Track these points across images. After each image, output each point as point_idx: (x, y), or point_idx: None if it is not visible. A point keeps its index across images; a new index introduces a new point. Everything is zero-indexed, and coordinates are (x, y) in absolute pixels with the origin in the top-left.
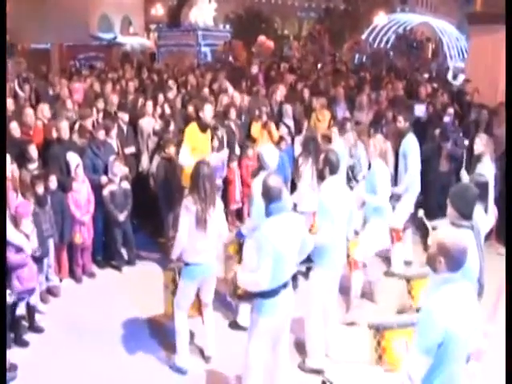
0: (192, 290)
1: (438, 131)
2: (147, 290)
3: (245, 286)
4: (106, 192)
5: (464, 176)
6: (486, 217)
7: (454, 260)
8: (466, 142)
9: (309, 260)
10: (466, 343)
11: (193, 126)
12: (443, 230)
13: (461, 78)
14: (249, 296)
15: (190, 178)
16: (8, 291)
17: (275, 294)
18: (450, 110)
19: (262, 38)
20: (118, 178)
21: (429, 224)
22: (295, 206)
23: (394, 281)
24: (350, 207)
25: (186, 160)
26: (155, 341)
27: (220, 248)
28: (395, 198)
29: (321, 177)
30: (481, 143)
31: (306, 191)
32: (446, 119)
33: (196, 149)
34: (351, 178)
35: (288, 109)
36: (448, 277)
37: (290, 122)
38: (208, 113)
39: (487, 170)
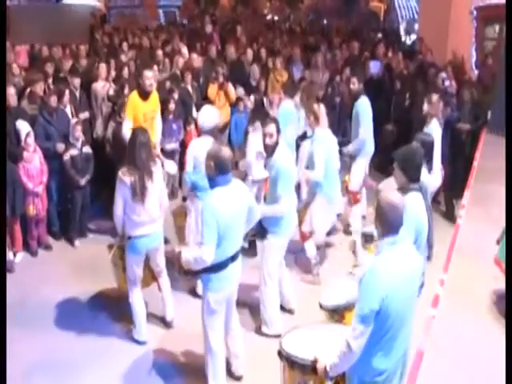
0: (139, 263)
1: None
2: (104, 261)
3: (189, 265)
4: (66, 157)
5: None
6: (430, 176)
7: (388, 222)
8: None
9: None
10: (409, 306)
11: (133, 95)
12: (379, 194)
13: (412, 37)
14: (195, 272)
15: (126, 147)
16: None
17: (223, 268)
18: (443, 75)
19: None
20: (80, 143)
21: None
22: (245, 174)
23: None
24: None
25: (127, 133)
26: (113, 313)
27: (169, 218)
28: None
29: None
30: (428, 103)
31: (253, 157)
32: (447, 83)
33: (137, 119)
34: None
35: (255, 70)
36: (387, 241)
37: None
38: (147, 80)
39: (434, 130)
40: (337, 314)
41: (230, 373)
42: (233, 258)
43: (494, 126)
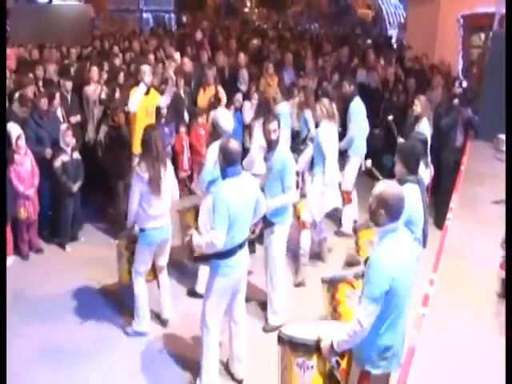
0: (150, 255)
1: (456, 101)
2: (97, 262)
3: (200, 248)
4: (58, 163)
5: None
6: (426, 171)
7: (392, 209)
8: None
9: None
10: (410, 288)
11: (134, 89)
12: (379, 184)
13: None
14: (205, 258)
15: (140, 144)
16: None
17: (231, 255)
18: (457, 83)
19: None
20: (70, 148)
21: (378, 174)
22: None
23: (341, 240)
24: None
25: (134, 106)
26: (110, 310)
27: (176, 216)
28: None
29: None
30: (420, 105)
31: (258, 154)
32: (465, 84)
33: (140, 113)
34: (298, 141)
35: (244, 74)
36: (390, 227)
37: (244, 87)
38: (144, 74)
39: (425, 129)
40: (332, 286)
41: (230, 374)
42: (240, 246)
43: (481, 132)
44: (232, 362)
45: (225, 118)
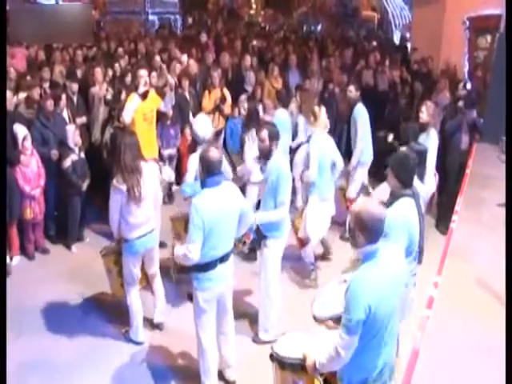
0: (137, 265)
1: (461, 103)
2: (100, 264)
3: (179, 259)
4: (67, 163)
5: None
6: (423, 184)
7: (368, 230)
8: None
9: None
10: (394, 314)
11: (131, 95)
12: (358, 202)
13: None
14: (186, 270)
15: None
16: None
17: (211, 268)
18: (461, 84)
19: None
20: (78, 148)
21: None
22: (243, 177)
23: (346, 244)
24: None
25: (128, 116)
26: (109, 315)
27: (167, 223)
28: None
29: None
30: (427, 112)
31: (252, 163)
32: (469, 86)
33: (137, 118)
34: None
35: (251, 76)
36: (367, 250)
37: (251, 89)
38: (141, 78)
39: (431, 139)
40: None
41: (223, 379)
42: (222, 259)
43: (487, 135)
44: (222, 367)
45: (201, 124)
